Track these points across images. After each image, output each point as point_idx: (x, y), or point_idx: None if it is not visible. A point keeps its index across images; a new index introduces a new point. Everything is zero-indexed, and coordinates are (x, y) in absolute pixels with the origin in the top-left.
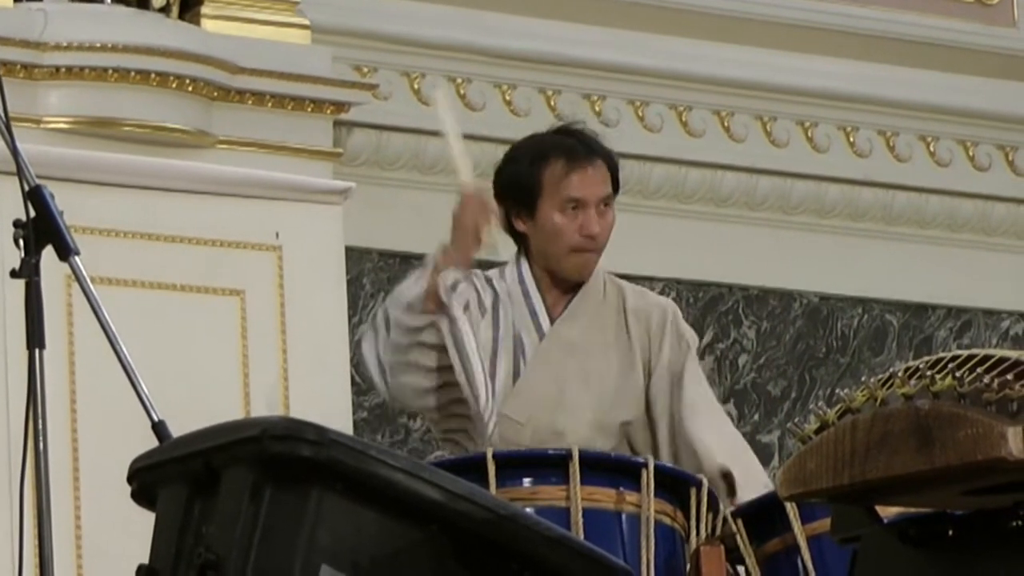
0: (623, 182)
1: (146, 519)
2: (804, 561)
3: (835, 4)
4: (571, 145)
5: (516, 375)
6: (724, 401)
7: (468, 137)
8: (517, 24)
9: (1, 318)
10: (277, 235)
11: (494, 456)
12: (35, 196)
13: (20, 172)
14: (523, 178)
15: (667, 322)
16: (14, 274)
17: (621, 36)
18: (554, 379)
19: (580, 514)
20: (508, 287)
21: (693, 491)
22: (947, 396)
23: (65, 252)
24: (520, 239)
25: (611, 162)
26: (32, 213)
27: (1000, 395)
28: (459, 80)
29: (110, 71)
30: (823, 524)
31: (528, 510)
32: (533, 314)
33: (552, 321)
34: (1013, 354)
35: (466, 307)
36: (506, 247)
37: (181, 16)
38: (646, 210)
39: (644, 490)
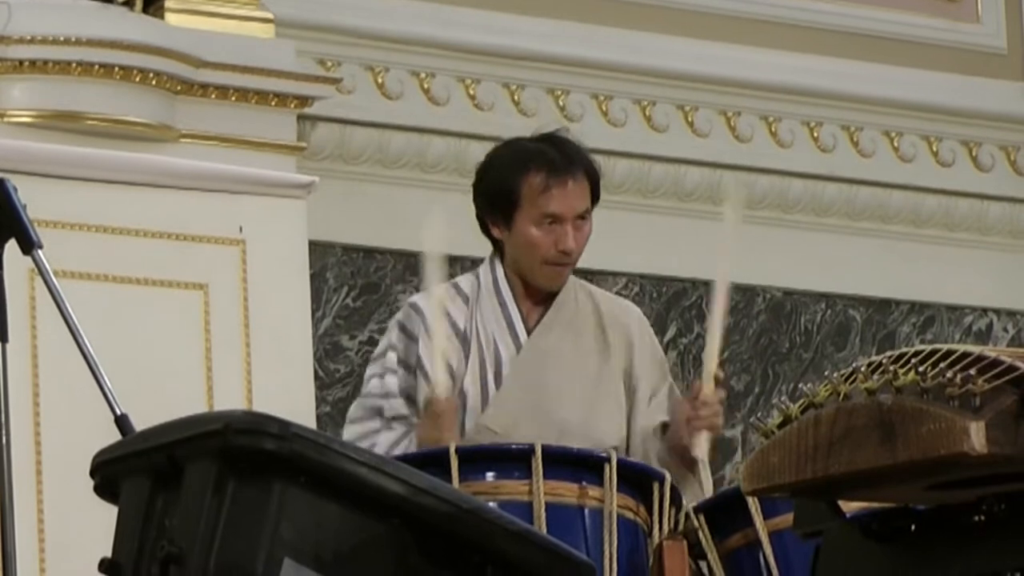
0: None
1: (109, 512)
2: (766, 556)
3: (798, 0)
4: (553, 158)
5: (484, 385)
6: None
7: (432, 132)
8: (482, 18)
9: None
10: (240, 229)
11: (457, 450)
12: None
13: None
14: (501, 187)
15: (645, 334)
16: None
17: (585, 31)
18: (533, 390)
19: (543, 508)
20: (483, 291)
21: (656, 486)
22: (910, 391)
23: (28, 246)
24: (495, 243)
25: (592, 174)
26: None
27: (963, 390)
28: (423, 75)
29: (73, 64)
30: (785, 519)
31: (491, 504)
32: (510, 324)
33: (528, 331)
34: (976, 349)
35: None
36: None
37: (145, 10)
38: (609, 205)
39: (607, 485)
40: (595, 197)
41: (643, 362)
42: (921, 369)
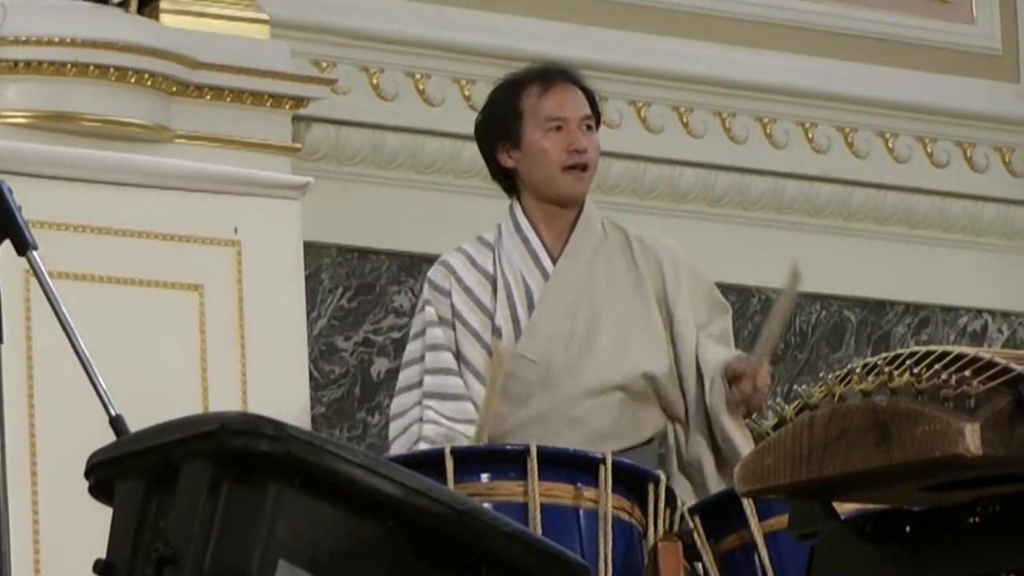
0: None
1: (104, 514)
2: (761, 557)
3: (795, 1)
4: (544, 70)
5: (515, 319)
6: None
7: (427, 133)
8: (477, 19)
9: None
10: (236, 230)
11: (452, 451)
12: None
13: None
14: (502, 109)
15: (678, 262)
16: None
17: (579, 32)
18: (565, 317)
19: (538, 510)
20: (504, 235)
21: (651, 487)
22: (905, 392)
23: (23, 247)
24: (510, 178)
25: (586, 89)
26: None
27: (958, 392)
28: (418, 75)
29: (69, 65)
30: (780, 520)
31: (486, 505)
32: (534, 256)
33: (554, 260)
34: (971, 351)
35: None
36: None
37: (140, 11)
38: (604, 206)
39: (602, 486)
40: (596, 115)
41: (679, 289)
42: (916, 370)
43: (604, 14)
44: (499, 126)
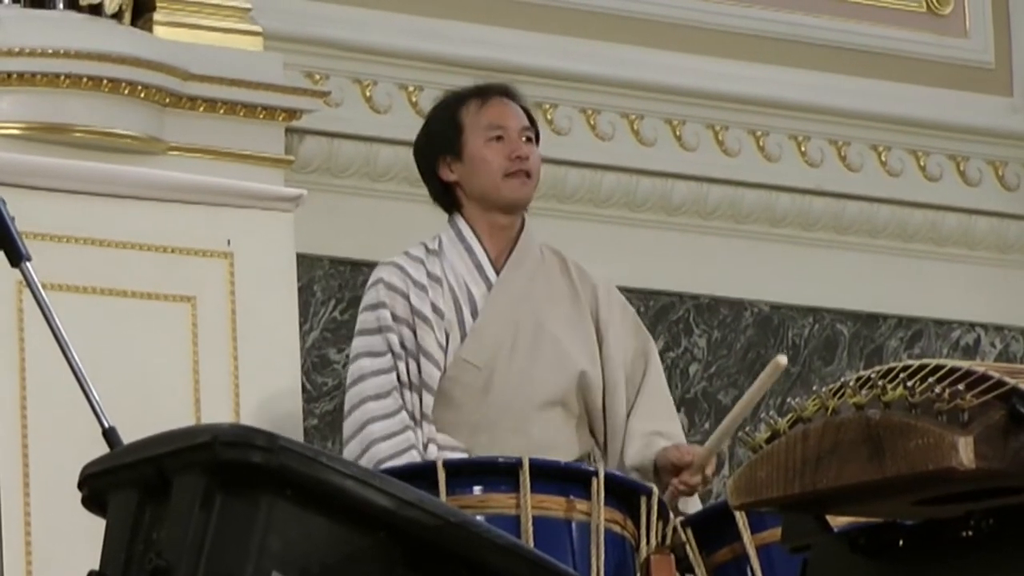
0: (574, 190)
1: (97, 525)
2: (754, 570)
3: (788, 14)
4: (482, 86)
5: (461, 323)
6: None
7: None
8: (469, 32)
9: None
10: (228, 242)
11: (444, 464)
12: None
13: None
14: (442, 125)
15: (611, 290)
16: None
17: (573, 44)
18: (509, 325)
19: (530, 522)
20: (446, 244)
21: (643, 500)
22: (898, 406)
23: (16, 258)
24: (450, 194)
25: (524, 105)
26: None
27: (951, 405)
28: (411, 88)
29: (62, 77)
30: (773, 533)
31: (478, 518)
32: (478, 265)
33: (497, 271)
34: (964, 364)
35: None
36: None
37: (133, 23)
38: (597, 218)
39: (594, 498)
40: (535, 130)
41: (611, 315)
42: (909, 384)
43: (596, 27)
44: (440, 140)
